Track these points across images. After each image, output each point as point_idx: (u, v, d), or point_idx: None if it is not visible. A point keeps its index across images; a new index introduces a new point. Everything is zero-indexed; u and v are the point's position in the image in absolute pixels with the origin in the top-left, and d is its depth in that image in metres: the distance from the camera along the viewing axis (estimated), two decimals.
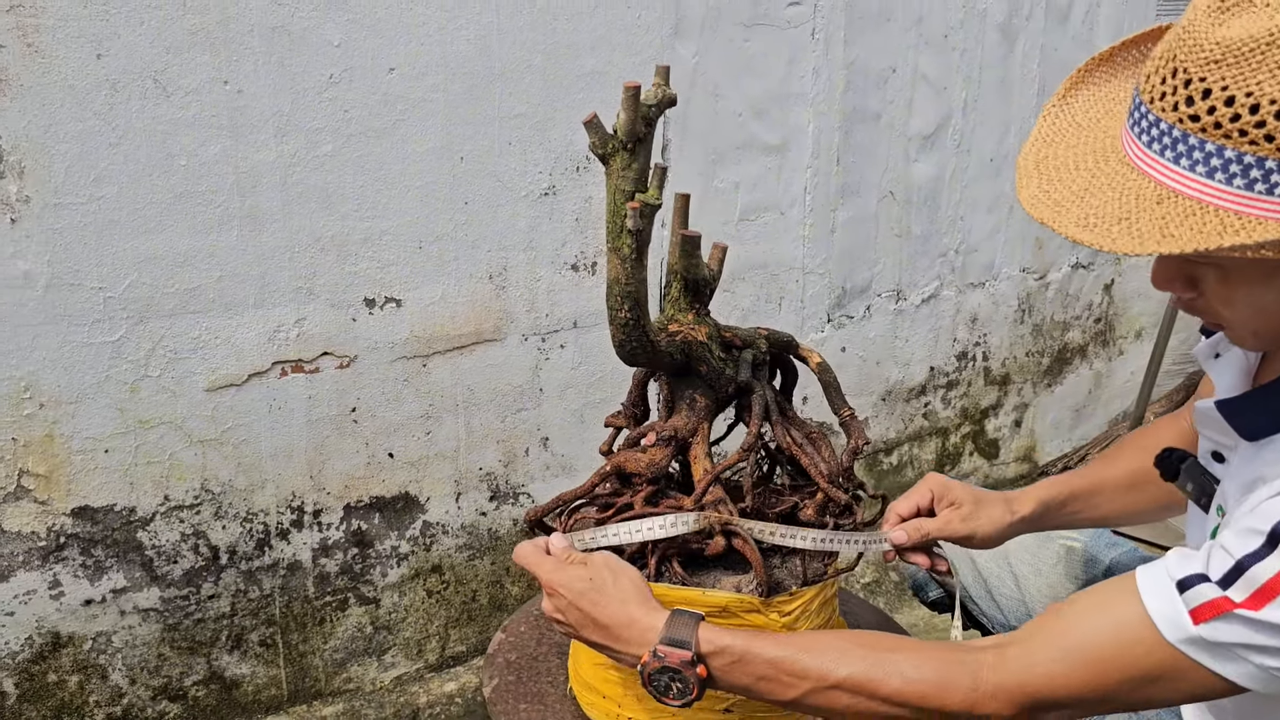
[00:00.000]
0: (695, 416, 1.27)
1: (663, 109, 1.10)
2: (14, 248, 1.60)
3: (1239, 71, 0.78)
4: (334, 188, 1.83)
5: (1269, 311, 0.90)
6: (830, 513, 1.24)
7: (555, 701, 1.27)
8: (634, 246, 1.09)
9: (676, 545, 1.17)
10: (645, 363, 1.22)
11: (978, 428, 3.14)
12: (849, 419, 1.31)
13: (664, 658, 0.96)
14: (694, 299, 1.29)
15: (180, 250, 1.73)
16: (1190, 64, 0.80)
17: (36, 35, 1.54)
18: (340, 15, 1.76)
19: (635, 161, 1.09)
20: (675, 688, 0.97)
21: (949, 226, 2.82)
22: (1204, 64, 0.80)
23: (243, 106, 1.72)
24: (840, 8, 2.38)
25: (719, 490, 1.21)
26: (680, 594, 1.12)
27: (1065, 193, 0.91)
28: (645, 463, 1.23)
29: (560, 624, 1.06)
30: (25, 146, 1.57)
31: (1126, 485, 1.33)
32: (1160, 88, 0.83)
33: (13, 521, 1.70)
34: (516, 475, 2.20)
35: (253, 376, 1.85)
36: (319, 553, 2.00)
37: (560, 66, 2.01)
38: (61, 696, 1.81)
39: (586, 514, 1.25)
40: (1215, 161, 0.81)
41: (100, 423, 1.73)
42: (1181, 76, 0.81)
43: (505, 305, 2.07)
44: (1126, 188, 0.87)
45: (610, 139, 1.09)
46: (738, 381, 1.28)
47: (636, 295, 1.12)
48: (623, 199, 1.09)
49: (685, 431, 1.26)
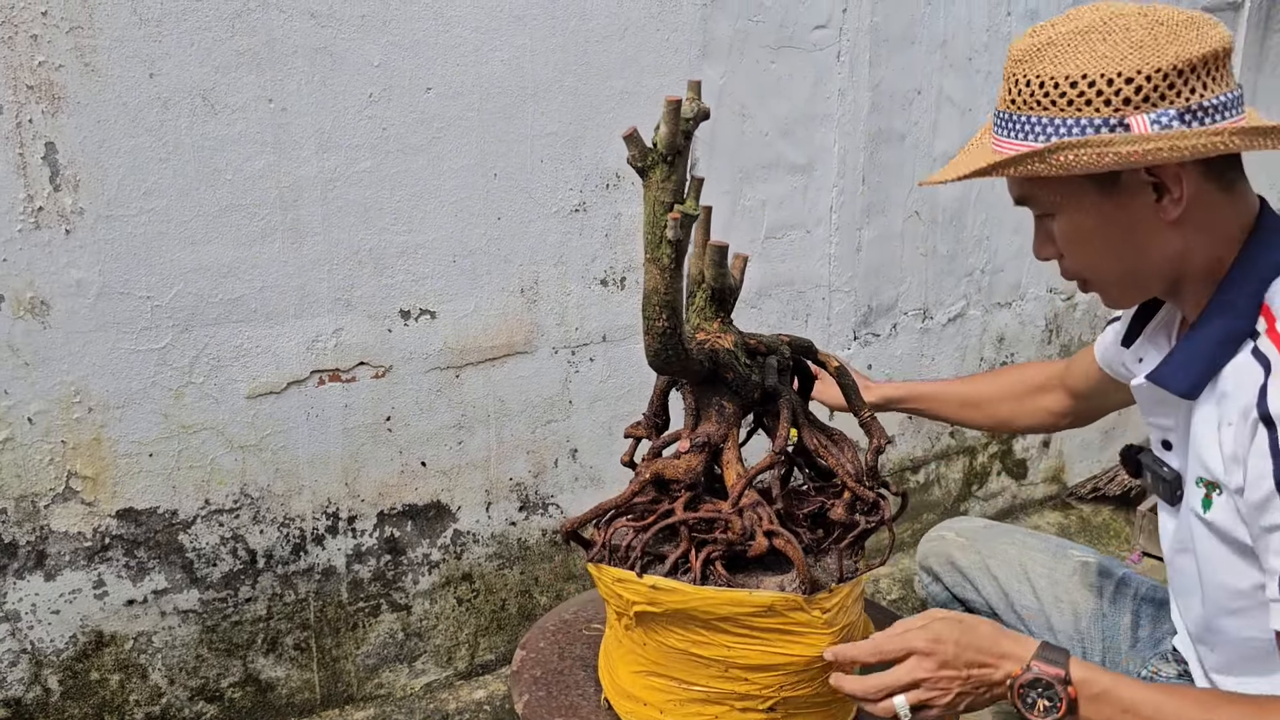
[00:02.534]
0: (725, 422, 1.30)
1: (699, 122, 1.14)
2: (68, 257, 1.67)
3: (1029, 65, 1.08)
4: (372, 202, 1.90)
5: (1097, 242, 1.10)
6: (859, 511, 1.27)
7: (590, 713, 1.28)
8: (673, 256, 1.12)
9: (721, 547, 1.19)
10: (677, 371, 1.24)
11: (1005, 447, 3.15)
12: (869, 420, 1.34)
13: (1038, 672, 1.02)
14: (719, 308, 1.32)
15: (225, 261, 1.79)
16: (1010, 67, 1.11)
17: (93, 55, 1.62)
18: (380, 37, 1.83)
19: (674, 174, 1.12)
20: (1043, 704, 1.02)
21: (975, 246, 2.84)
22: (1014, 64, 1.10)
23: (286, 124, 1.79)
24: (865, 31, 2.43)
25: (753, 494, 1.24)
26: (727, 595, 1.12)
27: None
28: (683, 469, 1.25)
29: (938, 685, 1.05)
30: (81, 161, 1.64)
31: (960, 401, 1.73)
32: (1001, 89, 1.14)
33: (60, 522, 1.76)
34: (546, 486, 2.24)
35: (292, 385, 1.90)
36: (353, 559, 2.05)
37: (591, 87, 2.07)
38: (103, 695, 1.86)
39: (623, 523, 1.27)
40: (1016, 125, 1.09)
41: (145, 427, 1.79)
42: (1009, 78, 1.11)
43: (536, 318, 2.12)
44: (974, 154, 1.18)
45: (650, 152, 1.12)
46: (764, 387, 1.31)
47: (674, 304, 1.15)
48: (663, 210, 1.11)
49: (717, 437, 1.29)
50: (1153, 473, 1.22)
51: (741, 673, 1.14)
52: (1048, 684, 1.02)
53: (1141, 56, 1.01)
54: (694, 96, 1.14)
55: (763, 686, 1.14)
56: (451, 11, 1.89)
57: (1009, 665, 1.04)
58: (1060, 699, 1.01)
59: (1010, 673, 1.04)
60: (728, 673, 1.15)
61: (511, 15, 1.95)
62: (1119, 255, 1.10)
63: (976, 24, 2.65)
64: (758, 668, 1.14)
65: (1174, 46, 1.01)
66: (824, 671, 1.15)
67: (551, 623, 1.51)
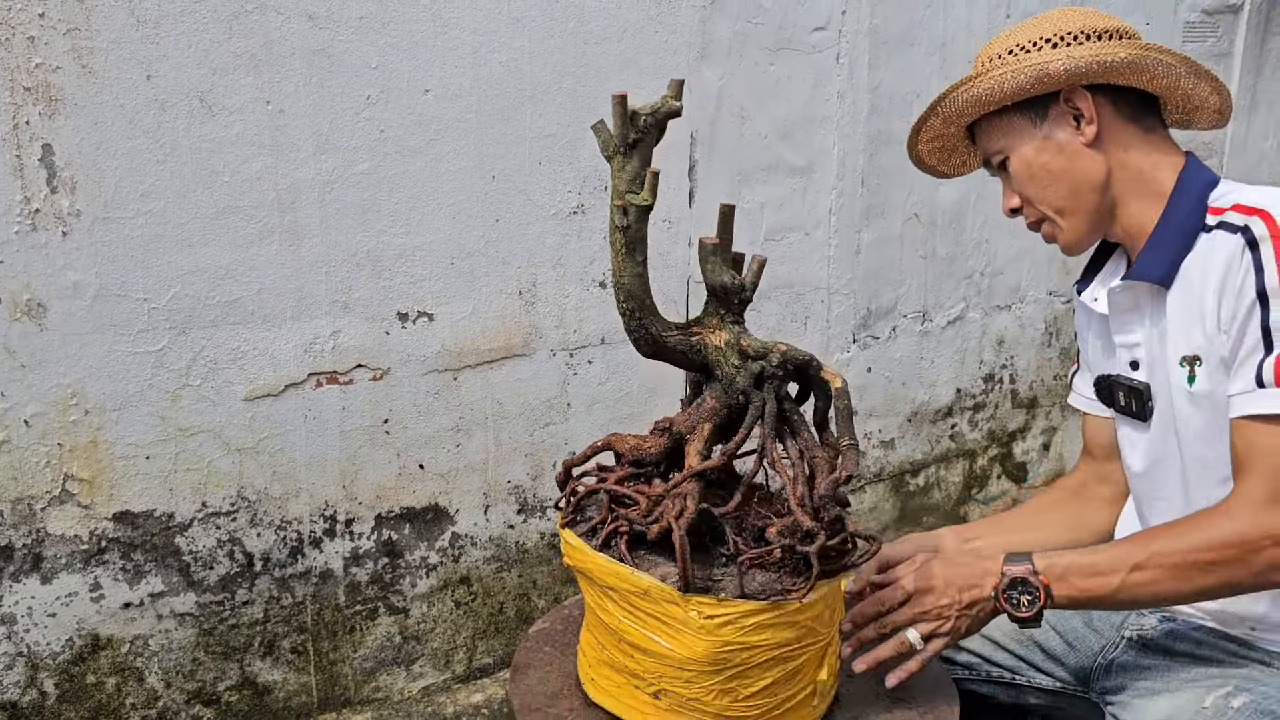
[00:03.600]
0: (698, 416, 1.30)
1: (659, 119, 1.18)
2: (65, 259, 1.66)
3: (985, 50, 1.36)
4: (370, 204, 1.89)
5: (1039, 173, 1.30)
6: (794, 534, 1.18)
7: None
8: (624, 242, 1.18)
9: (625, 523, 1.20)
10: (657, 356, 1.28)
11: (1005, 450, 3.14)
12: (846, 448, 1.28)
13: (1011, 574, 1.18)
14: (720, 305, 1.32)
15: (222, 264, 1.79)
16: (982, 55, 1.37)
17: (90, 57, 1.62)
18: (378, 39, 1.83)
19: (628, 165, 1.18)
20: (1025, 599, 1.17)
21: (974, 249, 2.84)
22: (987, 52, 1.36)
23: (284, 126, 1.78)
24: (864, 33, 2.42)
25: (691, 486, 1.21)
26: (613, 568, 1.15)
27: None
28: (631, 445, 1.28)
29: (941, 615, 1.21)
30: (78, 163, 1.64)
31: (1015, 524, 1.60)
32: None
33: (57, 525, 1.76)
34: (544, 489, 2.23)
35: (289, 387, 1.90)
36: (350, 562, 2.04)
37: (590, 89, 2.06)
38: (99, 698, 1.85)
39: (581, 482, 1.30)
40: None
41: (142, 430, 1.79)
42: None
43: (534, 321, 2.12)
44: None
45: (610, 142, 1.18)
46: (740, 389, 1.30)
47: (629, 288, 1.21)
48: (616, 198, 1.18)
49: (683, 427, 1.28)
50: (1125, 388, 1.37)
51: (629, 649, 1.16)
52: (1023, 580, 1.18)
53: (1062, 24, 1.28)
54: (669, 96, 1.19)
55: (645, 669, 1.15)
56: (450, 13, 1.89)
57: (991, 579, 1.20)
58: (1037, 589, 1.17)
59: (993, 584, 1.19)
60: (620, 645, 1.17)
61: (510, 17, 1.95)
62: (1057, 181, 1.30)
63: (976, 26, 2.64)
64: (640, 649, 1.15)
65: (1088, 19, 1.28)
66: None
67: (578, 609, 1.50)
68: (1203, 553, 1.13)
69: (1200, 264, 1.24)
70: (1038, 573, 1.18)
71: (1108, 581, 1.16)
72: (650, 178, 1.18)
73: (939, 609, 1.21)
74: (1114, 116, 1.30)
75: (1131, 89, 1.29)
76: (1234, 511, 1.13)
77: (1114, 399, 1.40)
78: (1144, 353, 1.34)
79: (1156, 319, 1.31)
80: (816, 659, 1.17)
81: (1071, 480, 1.61)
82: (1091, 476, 1.57)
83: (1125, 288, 1.32)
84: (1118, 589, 1.16)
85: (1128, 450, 1.42)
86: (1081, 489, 1.58)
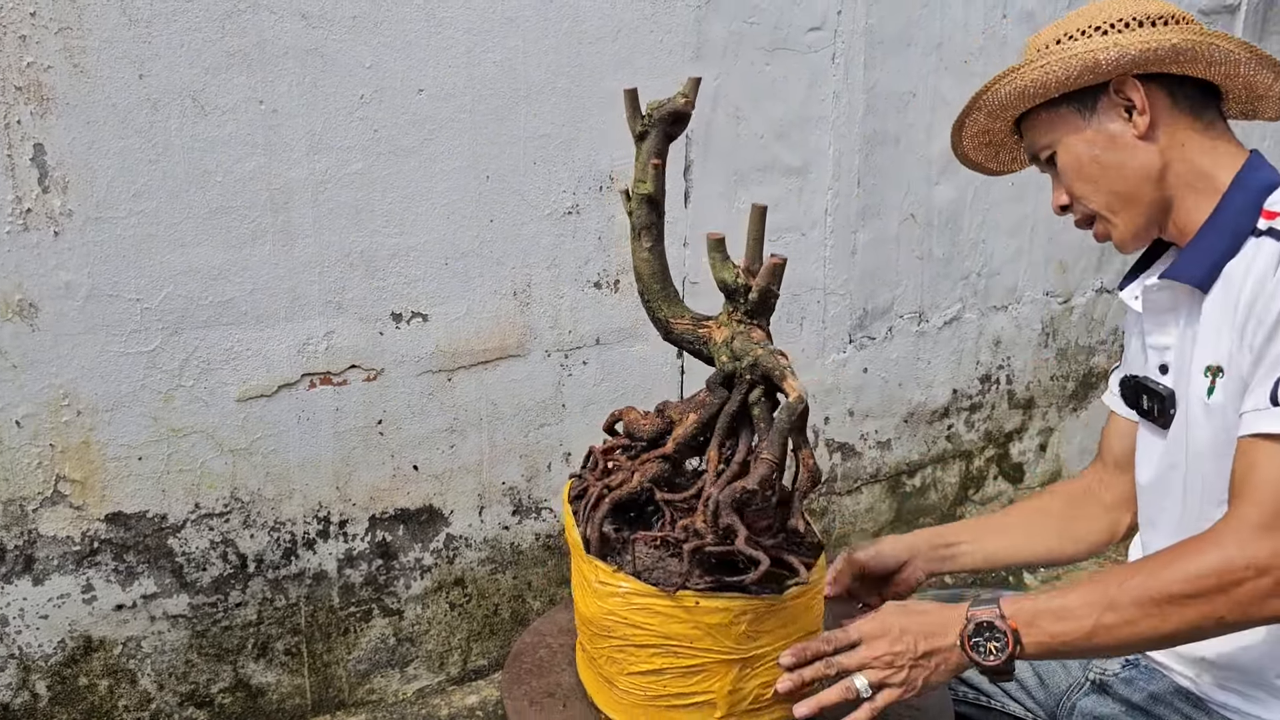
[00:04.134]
0: (689, 405, 1.31)
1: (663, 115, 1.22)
2: (57, 259, 1.66)
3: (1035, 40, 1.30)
4: (363, 205, 1.89)
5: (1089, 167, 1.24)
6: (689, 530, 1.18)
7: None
8: (632, 225, 1.26)
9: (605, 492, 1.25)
10: (666, 339, 1.34)
11: (1002, 451, 3.14)
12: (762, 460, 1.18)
13: (977, 619, 1.09)
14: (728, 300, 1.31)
15: (215, 264, 1.78)
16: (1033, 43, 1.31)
17: (83, 56, 1.61)
18: (372, 38, 1.83)
19: (639, 155, 1.24)
20: (993, 646, 1.08)
21: (971, 249, 2.83)
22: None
23: (277, 125, 1.78)
24: (860, 33, 2.42)
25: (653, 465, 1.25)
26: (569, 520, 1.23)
27: None
28: (632, 419, 1.34)
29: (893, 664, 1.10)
30: (70, 162, 1.63)
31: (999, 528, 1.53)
32: None
33: (49, 526, 1.75)
34: (539, 490, 2.23)
35: (282, 388, 1.89)
36: (344, 563, 2.03)
37: (584, 88, 2.06)
38: (91, 700, 1.85)
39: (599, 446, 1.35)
40: None
41: (135, 430, 1.78)
42: None
43: (529, 321, 2.11)
44: None
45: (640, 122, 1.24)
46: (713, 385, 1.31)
47: (638, 270, 1.28)
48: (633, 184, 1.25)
49: (674, 412, 1.31)
50: (1149, 392, 1.31)
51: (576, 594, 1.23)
52: (989, 625, 1.08)
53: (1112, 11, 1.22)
54: (682, 93, 1.22)
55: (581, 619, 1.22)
56: (443, 13, 1.88)
57: (954, 627, 1.10)
58: (1005, 634, 1.07)
59: (958, 631, 1.10)
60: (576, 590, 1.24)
61: (504, 17, 1.94)
62: (1108, 175, 1.24)
63: (973, 26, 2.64)
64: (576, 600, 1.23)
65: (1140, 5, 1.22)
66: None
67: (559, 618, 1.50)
68: (1180, 584, 1.03)
69: (1242, 270, 1.16)
70: (1005, 617, 1.08)
71: (1080, 625, 1.06)
72: (651, 169, 1.23)
73: (891, 655, 1.09)
74: (1169, 107, 1.22)
75: (1189, 78, 1.21)
76: (1221, 539, 1.04)
77: (1138, 401, 1.34)
78: (1174, 357, 1.27)
79: (1191, 322, 1.24)
80: (725, 671, 1.12)
81: (1073, 485, 1.54)
82: (1096, 481, 1.51)
83: (1162, 287, 1.25)
84: (1091, 632, 1.05)
85: (1141, 459, 1.35)
86: (1082, 495, 1.51)
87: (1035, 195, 2.92)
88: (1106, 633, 1.05)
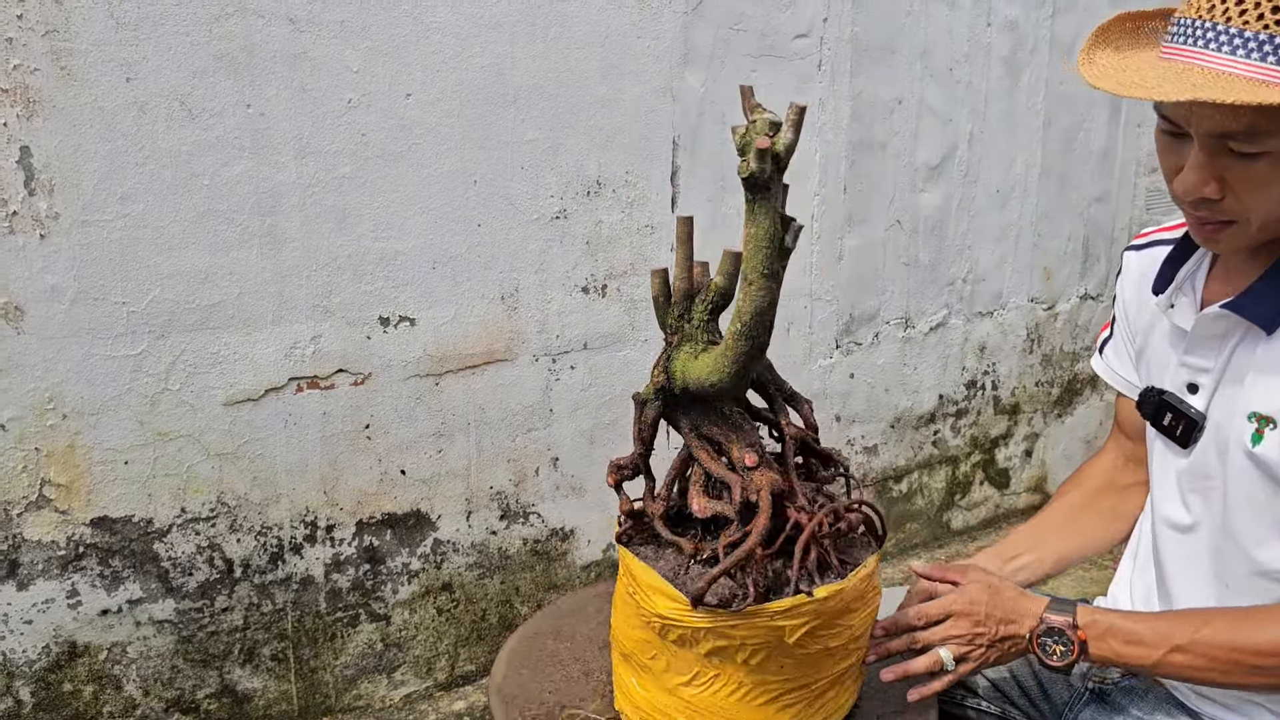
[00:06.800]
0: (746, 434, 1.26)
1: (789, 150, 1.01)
2: (43, 262, 1.65)
3: None
4: (351, 209, 1.89)
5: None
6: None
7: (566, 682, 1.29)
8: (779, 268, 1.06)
9: None
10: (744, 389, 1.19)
11: (988, 457, 3.15)
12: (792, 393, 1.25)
13: (1050, 622, 1.16)
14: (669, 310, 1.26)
15: (201, 267, 1.78)
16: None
17: (70, 59, 1.61)
18: (359, 43, 1.83)
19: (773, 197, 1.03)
20: (1059, 649, 1.16)
21: (956, 256, 2.85)
22: None
23: (264, 129, 1.78)
24: (846, 40, 2.44)
25: None
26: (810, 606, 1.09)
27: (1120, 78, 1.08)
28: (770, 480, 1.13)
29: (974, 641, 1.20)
30: (56, 165, 1.63)
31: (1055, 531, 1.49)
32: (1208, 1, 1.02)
33: (33, 530, 1.74)
34: (526, 495, 2.23)
35: (269, 392, 1.89)
36: (331, 568, 2.03)
37: (572, 93, 2.07)
38: (76, 706, 1.83)
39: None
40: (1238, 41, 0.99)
41: (120, 434, 1.77)
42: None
43: (516, 326, 2.12)
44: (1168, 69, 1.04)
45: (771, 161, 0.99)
46: None
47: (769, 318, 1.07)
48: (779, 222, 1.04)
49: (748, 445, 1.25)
50: (1174, 411, 1.24)
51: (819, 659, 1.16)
52: (1060, 631, 1.16)
53: None
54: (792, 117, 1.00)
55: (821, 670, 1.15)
56: (431, 18, 1.89)
57: (1029, 621, 1.18)
58: (1073, 642, 1.15)
59: (1030, 627, 1.18)
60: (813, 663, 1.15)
61: (491, 22, 1.95)
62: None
63: (957, 34, 2.66)
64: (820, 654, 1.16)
65: None
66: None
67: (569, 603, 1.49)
68: (1253, 656, 1.09)
69: None
70: (1078, 627, 1.16)
71: (1147, 654, 1.13)
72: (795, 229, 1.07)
73: (974, 635, 1.19)
74: None
75: None
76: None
77: (1158, 417, 1.26)
78: (1209, 381, 1.19)
79: (1241, 357, 1.16)
80: None
81: (1101, 465, 1.52)
82: (1122, 458, 1.49)
83: (1220, 316, 1.16)
84: (1156, 664, 1.13)
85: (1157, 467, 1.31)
86: (1114, 476, 1.50)
87: (1020, 203, 2.94)
88: (1170, 668, 1.13)
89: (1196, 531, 1.25)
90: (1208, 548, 1.23)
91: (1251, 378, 1.14)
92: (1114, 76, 1.06)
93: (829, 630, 1.12)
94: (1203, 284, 1.24)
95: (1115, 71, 1.07)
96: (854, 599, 1.13)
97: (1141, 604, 1.35)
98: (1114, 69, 1.08)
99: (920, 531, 3.02)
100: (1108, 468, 1.51)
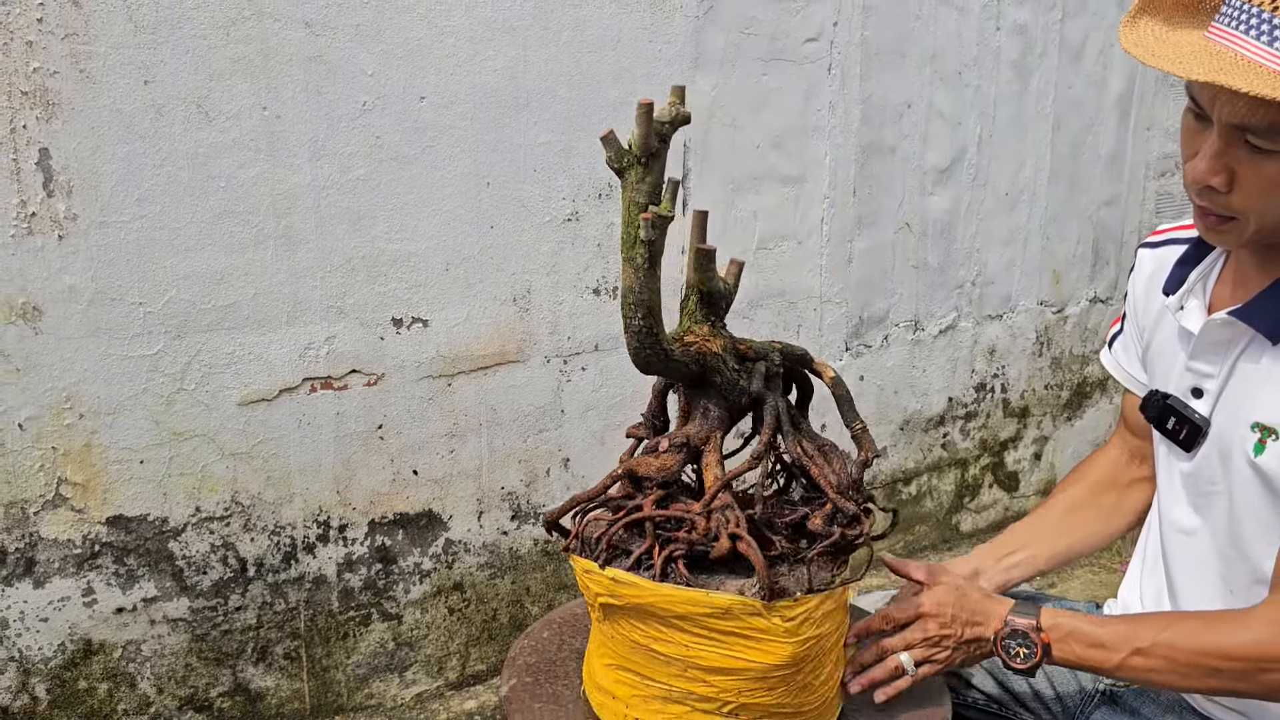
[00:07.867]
0: (708, 425, 1.30)
1: (676, 126, 1.14)
2: (61, 263, 1.67)
3: None
4: (365, 210, 1.90)
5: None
6: (838, 523, 1.26)
7: (570, 702, 1.29)
8: (647, 256, 1.13)
9: (683, 546, 1.19)
10: (660, 371, 1.25)
11: (997, 459, 3.15)
12: (860, 432, 1.33)
13: (1014, 625, 1.18)
14: (710, 311, 1.32)
15: (217, 268, 1.80)
16: None
17: (88, 61, 1.63)
18: (375, 46, 1.85)
19: (649, 175, 1.13)
20: (1022, 652, 1.17)
21: (965, 259, 2.86)
22: None
23: (280, 131, 1.80)
24: (856, 44, 2.45)
25: (727, 496, 1.23)
26: (684, 594, 1.12)
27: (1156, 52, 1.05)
28: (656, 467, 1.26)
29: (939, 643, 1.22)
30: (74, 167, 1.65)
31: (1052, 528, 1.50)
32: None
33: (50, 529, 1.75)
34: (538, 495, 2.24)
35: (283, 392, 1.90)
36: (344, 567, 2.04)
37: (584, 97, 2.08)
38: (91, 703, 1.85)
39: (600, 515, 1.28)
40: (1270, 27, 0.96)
41: (136, 434, 1.79)
42: None
43: (528, 327, 2.13)
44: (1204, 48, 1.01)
45: (625, 154, 1.13)
46: (750, 392, 1.31)
47: (649, 304, 1.16)
48: (637, 211, 1.13)
49: (697, 439, 1.29)
50: (1178, 415, 1.24)
51: (700, 674, 1.13)
52: (1024, 634, 1.17)
53: None
54: (675, 101, 1.15)
55: (721, 690, 1.13)
56: (445, 21, 1.90)
57: (994, 623, 1.20)
58: (1035, 645, 1.16)
59: (995, 629, 1.19)
60: (687, 672, 1.14)
61: (505, 25, 1.96)
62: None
63: (966, 38, 2.67)
64: (716, 670, 1.13)
65: None
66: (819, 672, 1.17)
67: (561, 615, 1.50)
68: (1211, 658, 1.10)
69: None
70: (1040, 629, 1.17)
71: (1108, 656, 1.15)
72: (671, 187, 1.15)
73: (941, 636, 1.21)
74: None
75: None
76: (1253, 624, 1.09)
77: (1162, 421, 1.27)
78: (1214, 386, 1.20)
79: (1247, 363, 1.16)
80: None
81: (1104, 460, 1.52)
82: (1127, 453, 1.50)
83: (1226, 323, 1.16)
84: (1117, 666, 1.15)
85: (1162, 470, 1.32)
86: (1117, 472, 1.50)
87: (1029, 206, 2.95)
88: (1130, 671, 1.15)
89: (1202, 536, 1.25)
90: (1214, 552, 1.24)
91: (1256, 386, 1.14)
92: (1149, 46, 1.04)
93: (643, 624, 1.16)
94: (1213, 288, 1.23)
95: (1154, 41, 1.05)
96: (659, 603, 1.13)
97: (1152, 607, 1.36)
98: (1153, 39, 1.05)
99: (929, 534, 3.03)
100: (1111, 462, 1.52)
